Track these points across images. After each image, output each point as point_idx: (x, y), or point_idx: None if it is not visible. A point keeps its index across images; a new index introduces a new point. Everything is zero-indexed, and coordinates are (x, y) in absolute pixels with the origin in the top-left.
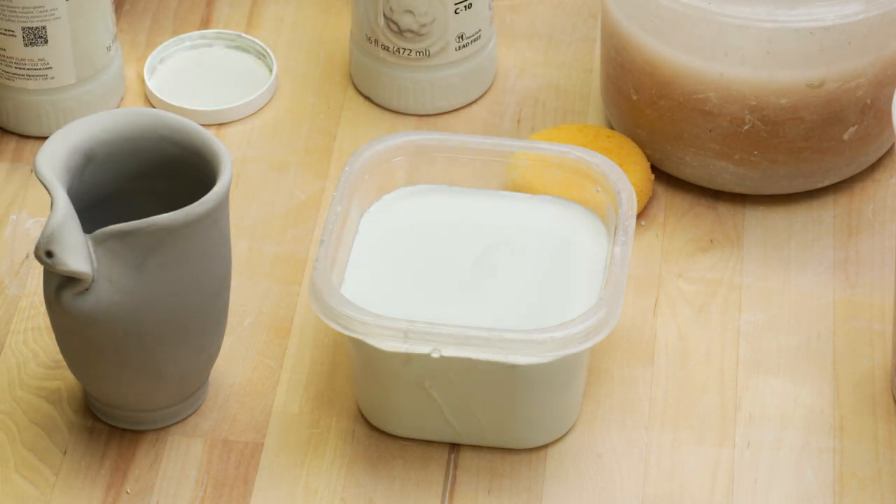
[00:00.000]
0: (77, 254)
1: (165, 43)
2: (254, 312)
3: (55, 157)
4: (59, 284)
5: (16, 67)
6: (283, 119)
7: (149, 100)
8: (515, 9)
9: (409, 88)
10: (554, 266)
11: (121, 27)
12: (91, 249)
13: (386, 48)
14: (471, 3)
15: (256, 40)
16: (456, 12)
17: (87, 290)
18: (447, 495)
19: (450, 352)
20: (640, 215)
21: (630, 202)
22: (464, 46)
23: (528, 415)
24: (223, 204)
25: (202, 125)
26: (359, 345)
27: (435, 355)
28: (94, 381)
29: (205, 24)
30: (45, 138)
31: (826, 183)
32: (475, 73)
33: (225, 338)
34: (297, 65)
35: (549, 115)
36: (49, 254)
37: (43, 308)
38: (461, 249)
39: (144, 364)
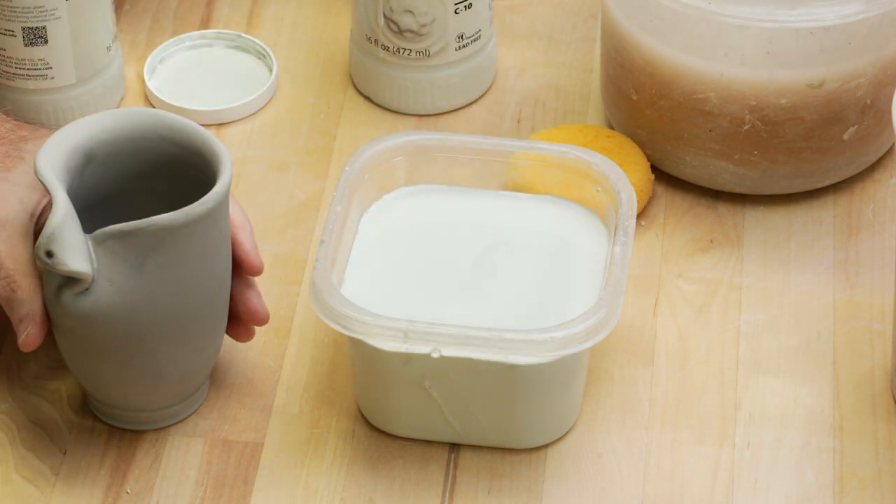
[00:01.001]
0: (77, 254)
1: (165, 43)
2: None
3: (55, 157)
4: (59, 284)
5: (16, 67)
6: (283, 119)
7: (149, 100)
8: (515, 9)
9: (409, 88)
10: (554, 266)
11: (121, 27)
12: (91, 249)
13: (386, 48)
14: (471, 3)
15: (256, 40)
16: (456, 12)
17: (87, 290)
18: (447, 495)
19: (450, 352)
20: (640, 215)
21: (630, 202)
22: (464, 46)
23: (528, 415)
24: (223, 204)
25: (202, 125)
26: (359, 345)
27: (435, 355)
28: (94, 381)
29: (205, 24)
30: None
31: (826, 183)
32: (475, 73)
33: (225, 338)
34: (297, 65)
35: (549, 115)
36: (49, 254)
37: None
38: (461, 249)
39: (144, 364)
